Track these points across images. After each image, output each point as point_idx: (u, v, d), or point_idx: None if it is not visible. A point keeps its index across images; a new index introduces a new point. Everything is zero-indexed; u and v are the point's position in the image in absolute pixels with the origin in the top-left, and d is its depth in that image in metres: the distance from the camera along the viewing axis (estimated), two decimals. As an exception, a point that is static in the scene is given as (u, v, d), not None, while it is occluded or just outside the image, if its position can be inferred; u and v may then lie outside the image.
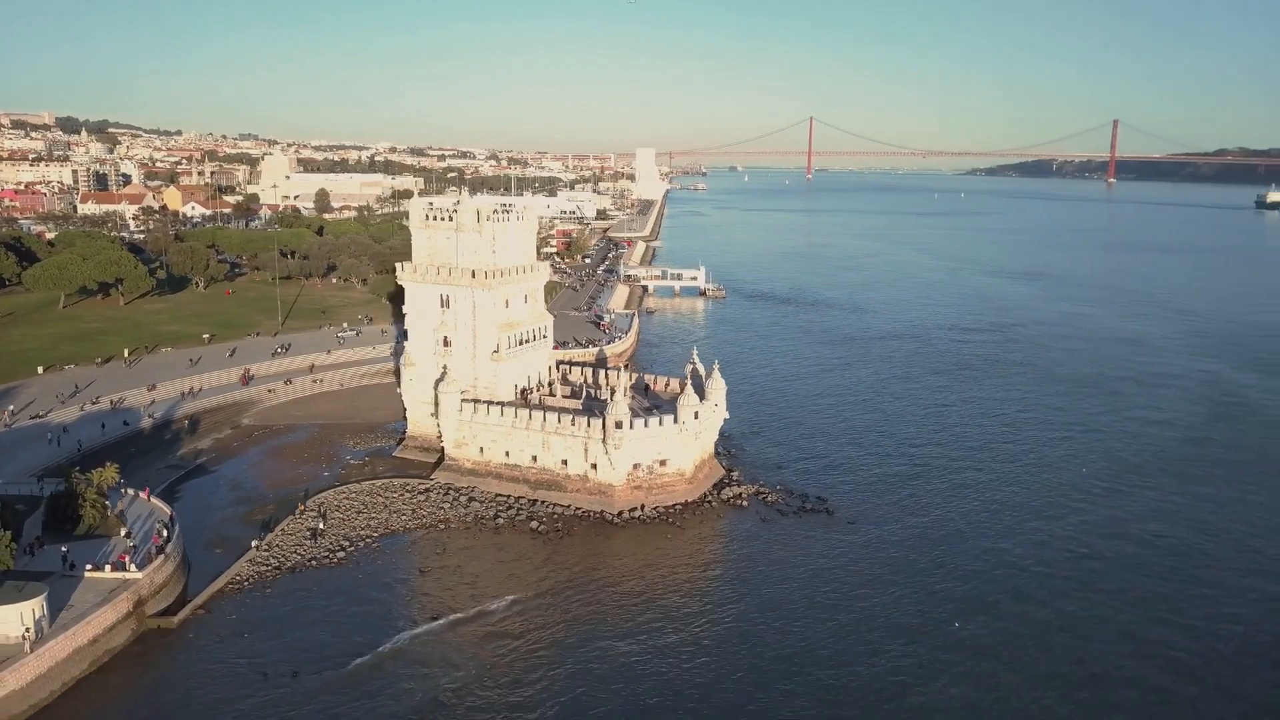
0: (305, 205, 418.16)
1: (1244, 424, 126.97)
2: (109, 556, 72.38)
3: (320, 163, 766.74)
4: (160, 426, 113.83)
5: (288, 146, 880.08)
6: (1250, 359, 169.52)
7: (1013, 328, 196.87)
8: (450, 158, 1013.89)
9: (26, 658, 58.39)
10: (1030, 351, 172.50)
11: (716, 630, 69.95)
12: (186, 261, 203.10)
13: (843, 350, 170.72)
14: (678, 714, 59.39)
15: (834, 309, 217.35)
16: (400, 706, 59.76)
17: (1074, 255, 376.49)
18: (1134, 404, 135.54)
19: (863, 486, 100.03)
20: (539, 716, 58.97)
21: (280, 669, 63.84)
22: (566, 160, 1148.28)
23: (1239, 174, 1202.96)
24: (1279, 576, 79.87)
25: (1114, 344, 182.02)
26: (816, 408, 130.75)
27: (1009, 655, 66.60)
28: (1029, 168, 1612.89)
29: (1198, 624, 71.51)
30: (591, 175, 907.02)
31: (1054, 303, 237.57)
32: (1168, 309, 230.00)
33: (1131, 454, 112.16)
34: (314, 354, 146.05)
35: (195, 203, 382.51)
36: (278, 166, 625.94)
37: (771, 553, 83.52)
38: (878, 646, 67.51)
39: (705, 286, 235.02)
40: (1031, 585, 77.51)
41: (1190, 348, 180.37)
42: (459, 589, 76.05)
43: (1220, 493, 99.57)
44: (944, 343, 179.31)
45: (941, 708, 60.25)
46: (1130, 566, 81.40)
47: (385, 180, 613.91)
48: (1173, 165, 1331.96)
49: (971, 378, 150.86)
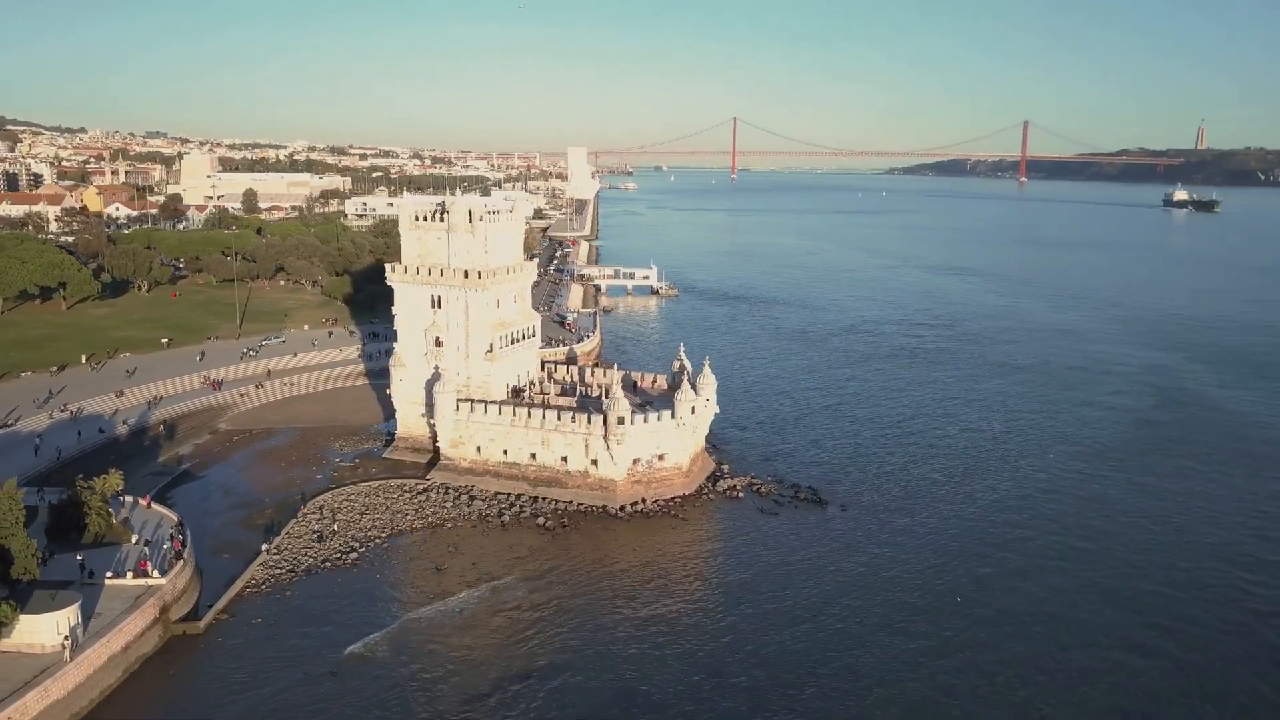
0: (232, 205, 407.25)
1: (1187, 407, 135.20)
2: (125, 563, 71.41)
3: (239, 162, 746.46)
4: (137, 433, 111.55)
5: (201, 145, 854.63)
6: (1180, 346, 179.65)
7: (959, 322, 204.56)
8: (373, 157, 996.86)
9: (67, 666, 57.65)
10: (979, 344, 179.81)
11: (733, 617, 72.39)
12: (128, 264, 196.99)
13: (802, 346, 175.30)
14: (711, 692, 61.79)
15: (786, 306, 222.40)
16: (446, 705, 60.65)
17: (1000, 251, 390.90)
18: (1084, 391, 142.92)
19: (848, 475, 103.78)
20: (594, 708, 60.62)
21: (314, 669, 64.15)
22: (492, 159, 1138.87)
23: (1140, 173, 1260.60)
24: (1260, 544, 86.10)
25: (1054, 335, 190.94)
26: (789, 402, 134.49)
27: (1010, 627, 70.77)
28: (945, 167, 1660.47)
29: (1183, 596, 76.95)
30: (518, 174, 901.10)
31: (990, 297, 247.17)
32: (1096, 301, 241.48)
33: (1092, 439, 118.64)
34: (281, 357, 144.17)
35: (119, 203, 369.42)
36: (198, 166, 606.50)
37: (774, 541, 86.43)
38: (890, 624, 70.92)
39: (658, 285, 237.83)
40: (1021, 562, 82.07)
41: (1124, 337, 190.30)
42: (480, 586, 76.92)
43: (1178, 472, 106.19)
44: (897, 337, 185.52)
45: (955, 681, 63.85)
46: (1110, 544, 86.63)
47: (312, 180, 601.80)
48: (1079, 165, 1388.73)
49: (930, 370, 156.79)
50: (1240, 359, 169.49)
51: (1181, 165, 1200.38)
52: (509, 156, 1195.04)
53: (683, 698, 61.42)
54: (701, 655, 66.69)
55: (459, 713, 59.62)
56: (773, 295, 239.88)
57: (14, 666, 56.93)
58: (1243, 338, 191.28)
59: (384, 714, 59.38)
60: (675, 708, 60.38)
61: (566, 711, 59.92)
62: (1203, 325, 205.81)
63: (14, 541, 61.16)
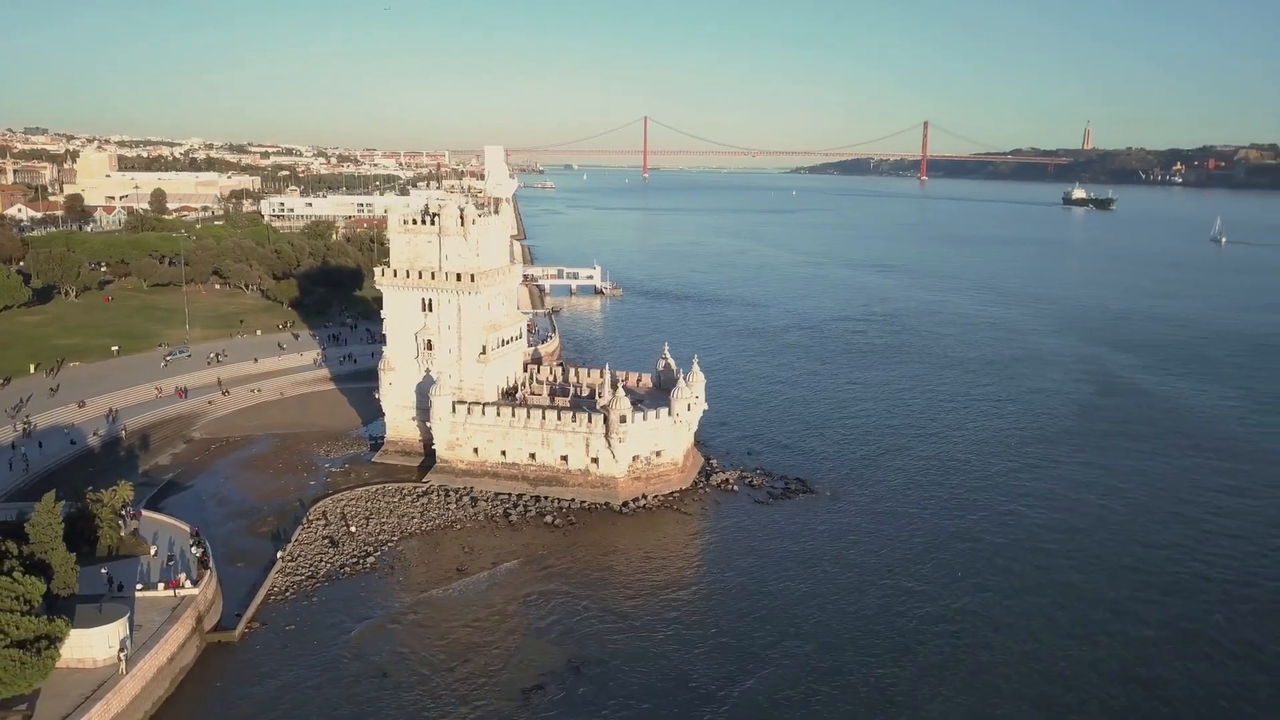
0: (140, 206, 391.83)
1: (1123, 394, 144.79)
2: (149, 575, 70.34)
3: (135, 160, 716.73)
4: (109, 444, 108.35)
5: (89, 142, 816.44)
6: (1104, 337, 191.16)
7: (897, 317, 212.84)
8: (275, 155, 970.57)
9: (124, 679, 56.98)
10: (923, 338, 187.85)
11: (747, 602, 75.40)
12: (54, 269, 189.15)
13: (755, 343, 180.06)
14: (743, 675, 64.98)
15: (731, 304, 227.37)
16: (499, 699, 62.03)
17: (918, 248, 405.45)
18: (1030, 381, 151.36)
19: (830, 465, 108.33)
20: (641, 695, 62.96)
21: (359, 670, 64.73)
22: (399, 158, 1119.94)
23: (1032, 172, 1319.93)
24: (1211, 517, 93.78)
25: (988, 328, 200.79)
26: (757, 397, 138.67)
27: (1008, 593, 76.01)
28: (849, 166, 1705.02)
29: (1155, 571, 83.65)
30: (429, 174, 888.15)
31: (920, 293, 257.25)
32: (1019, 295, 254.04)
33: (1046, 425, 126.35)
34: (242, 364, 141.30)
35: (21, 204, 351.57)
36: (95, 165, 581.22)
37: (775, 530, 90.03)
38: (891, 608, 74.94)
39: (602, 285, 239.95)
40: (1002, 538, 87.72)
41: (1052, 329, 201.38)
42: (505, 584, 78.25)
43: (1130, 453, 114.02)
44: (844, 333, 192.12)
45: (963, 658, 68.57)
46: (1080, 517, 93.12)
47: (221, 180, 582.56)
48: (976, 164, 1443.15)
49: (884, 363, 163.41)
50: (1158, 348, 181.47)
51: (1070, 164, 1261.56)
52: (417, 155, 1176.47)
53: (719, 681, 64.10)
54: (728, 639, 69.53)
55: (516, 708, 61.09)
56: (715, 294, 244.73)
57: (68, 682, 55.98)
58: (1157, 328, 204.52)
59: (440, 711, 60.42)
60: (713, 690, 63.07)
61: (617, 701, 61.96)
62: (1119, 317, 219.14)
63: (54, 556, 59.97)
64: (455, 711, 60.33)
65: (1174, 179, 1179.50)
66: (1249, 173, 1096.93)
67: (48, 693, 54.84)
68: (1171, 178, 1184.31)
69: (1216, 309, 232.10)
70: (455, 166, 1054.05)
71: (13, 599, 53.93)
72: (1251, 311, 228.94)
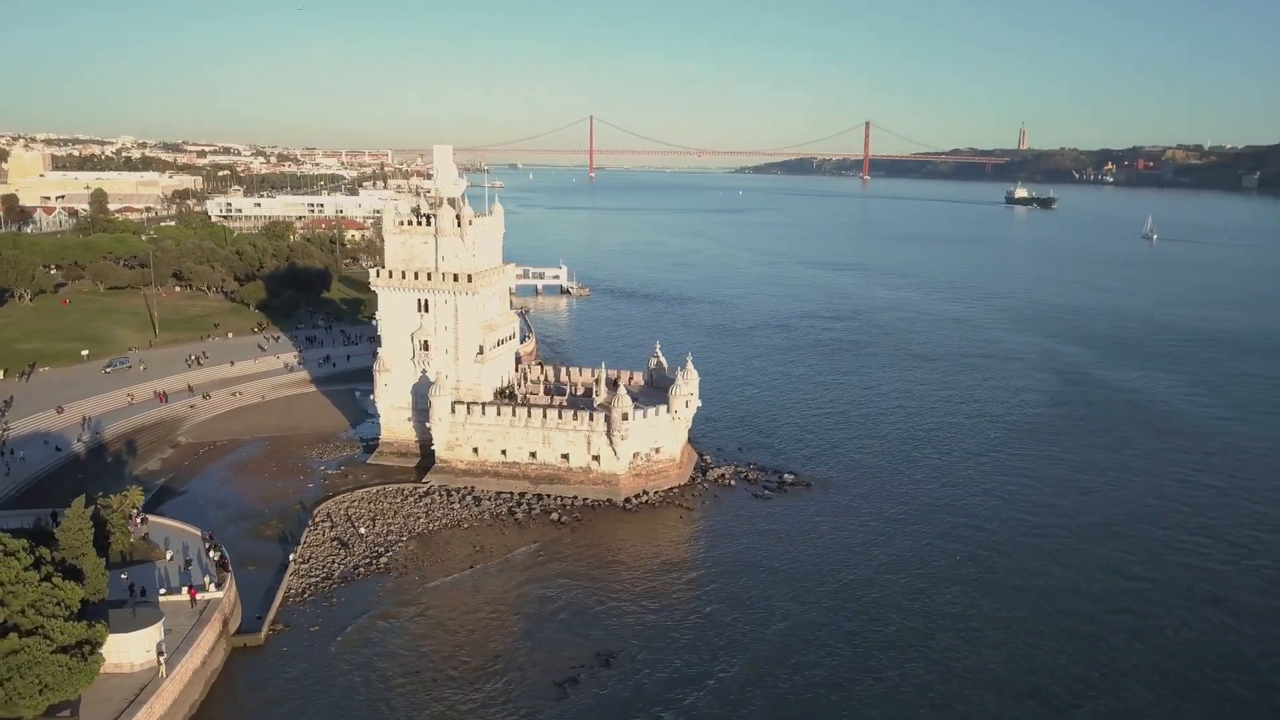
0: (80, 207, 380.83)
1: (1087, 386, 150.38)
2: (168, 579, 69.82)
3: (65, 159, 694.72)
4: (95, 450, 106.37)
5: (15, 140, 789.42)
6: (1060, 332, 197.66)
7: (861, 314, 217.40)
8: (212, 154, 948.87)
9: (164, 683, 56.75)
10: (887, 334, 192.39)
11: (758, 591, 78.03)
12: (9, 272, 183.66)
13: (728, 341, 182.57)
14: (775, 670, 67.15)
15: (697, 303, 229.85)
16: (533, 689, 63.16)
17: (868, 247, 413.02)
18: (997, 376, 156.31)
19: (819, 458, 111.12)
20: (672, 685, 64.60)
21: (391, 670, 65.24)
22: (341, 157, 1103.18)
23: (971, 171, 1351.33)
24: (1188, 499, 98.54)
25: (950, 324, 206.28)
26: (739, 393, 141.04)
27: (1008, 574, 79.36)
28: (792, 166, 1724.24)
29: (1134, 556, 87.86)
30: (373, 173, 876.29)
31: (877, 290, 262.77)
32: (974, 292, 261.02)
33: (1019, 417, 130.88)
34: (218, 367, 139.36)
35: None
36: (27, 164, 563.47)
37: (777, 522, 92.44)
38: (892, 597, 77.90)
39: (568, 285, 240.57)
40: (995, 526, 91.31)
41: (1010, 325, 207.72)
42: (521, 580, 79.26)
43: (1097, 442, 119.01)
44: (812, 330, 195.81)
45: (969, 634, 71.65)
46: (1059, 502, 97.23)
47: (161, 179, 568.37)
48: (916, 163, 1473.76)
49: (851, 359, 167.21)
50: (1111, 341, 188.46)
51: (1007, 164, 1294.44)
52: (359, 155, 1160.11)
53: (749, 675, 66.23)
54: (744, 627, 71.81)
55: (554, 701, 62.21)
56: (681, 293, 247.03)
57: (107, 686, 55.50)
58: (1106, 322, 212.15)
59: (483, 706, 61.26)
60: (739, 678, 65.18)
61: (650, 691, 63.51)
62: (1070, 312, 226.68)
63: (85, 562, 59.39)
64: (498, 706, 61.25)
65: (1105, 178, 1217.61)
66: (1176, 172, 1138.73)
67: (89, 698, 54.42)
68: (1103, 177, 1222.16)
69: (1160, 304, 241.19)
70: (399, 166, 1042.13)
71: (54, 604, 53.45)
72: (1192, 306, 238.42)
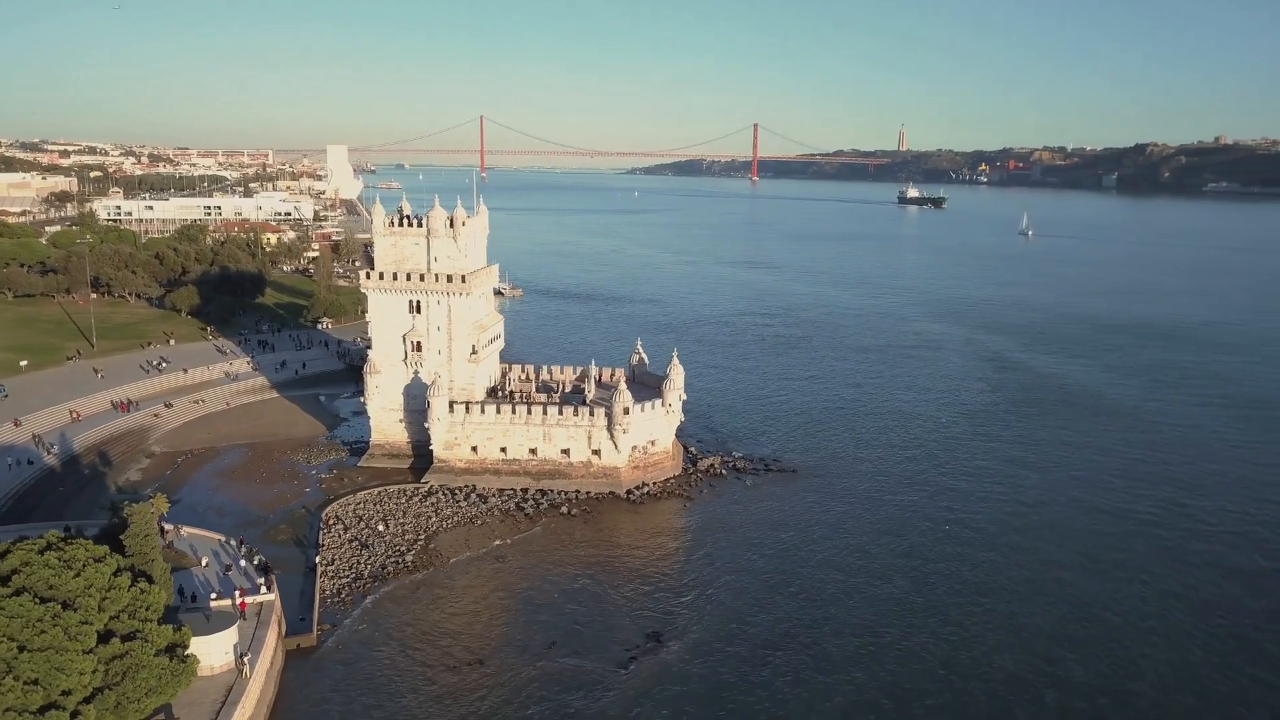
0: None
1: (1015, 370, 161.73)
2: (210, 585, 69.34)
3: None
4: (68, 462, 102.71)
5: None
6: (979, 323, 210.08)
7: (791, 310, 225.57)
8: (76, 154, 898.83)
9: (248, 684, 57.09)
10: (820, 328, 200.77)
11: (770, 569, 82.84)
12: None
13: (671, 337, 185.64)
14: (795, 633, 71.84)
15: (633, 302, 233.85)
16: (596, 672, 65.91)
17: (772, 246, 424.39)
18: (932, 364, 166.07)
19: (798, 446, 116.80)
20: (700, 674, 68.38)
21: (450, 661, 66.87)
22: (218, 157, 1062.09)
23: (854, 172, 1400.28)
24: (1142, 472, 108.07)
25: (876, 318, 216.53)
26: (704, 386, 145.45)
27: (991, 542, 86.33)
28: (683, 167, 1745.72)
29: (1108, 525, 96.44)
30: (255, 174, 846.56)
31: (797, 286, 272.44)
32: (888, 287, 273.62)
33: (965, 402, 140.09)
34: (172, 374, 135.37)
35: None
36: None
37: (773, 506, 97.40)
38: (886, 571, 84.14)
39: (501, 286, 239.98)
40: (974, 504, 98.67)
41: (926, 315, 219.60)
42: (549, 569, 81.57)
43: (1040, 423, 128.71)
44: (748, 325, 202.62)
45: (968, 611, 78.12)
46: (1016, 478, 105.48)
47: (35, 181, 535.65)
48: (801, 164, 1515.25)
49: (795, 352, 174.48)
50: (1021, 329, 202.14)
51: (888, 165, 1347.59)
52: (237, 154, 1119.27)
53: (764, 646, 70.75)
54: (765, 603, 76.42)
55: (618, 680, 65.10)
56: (613, 292, 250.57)
57: (193, 689, 55.33)
58: (1009, 312, 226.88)
59: (556, 689, 63.58)
60: (759, 654, 69.65)
61: (702, 668, 67.23)
62: (975, 303, 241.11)
63: (154, 568, 58.87)
64: (569, 688, 63.72)
65: (980, 178, 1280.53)
66: (1044, 172, 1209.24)
67: (178, 701, 54.40)
68: (977, 177, 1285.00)
69: (1053, 294, 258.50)
70: (282, 166, 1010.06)
71: (145, 609, 53.26)
72: (1079, 295, 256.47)
